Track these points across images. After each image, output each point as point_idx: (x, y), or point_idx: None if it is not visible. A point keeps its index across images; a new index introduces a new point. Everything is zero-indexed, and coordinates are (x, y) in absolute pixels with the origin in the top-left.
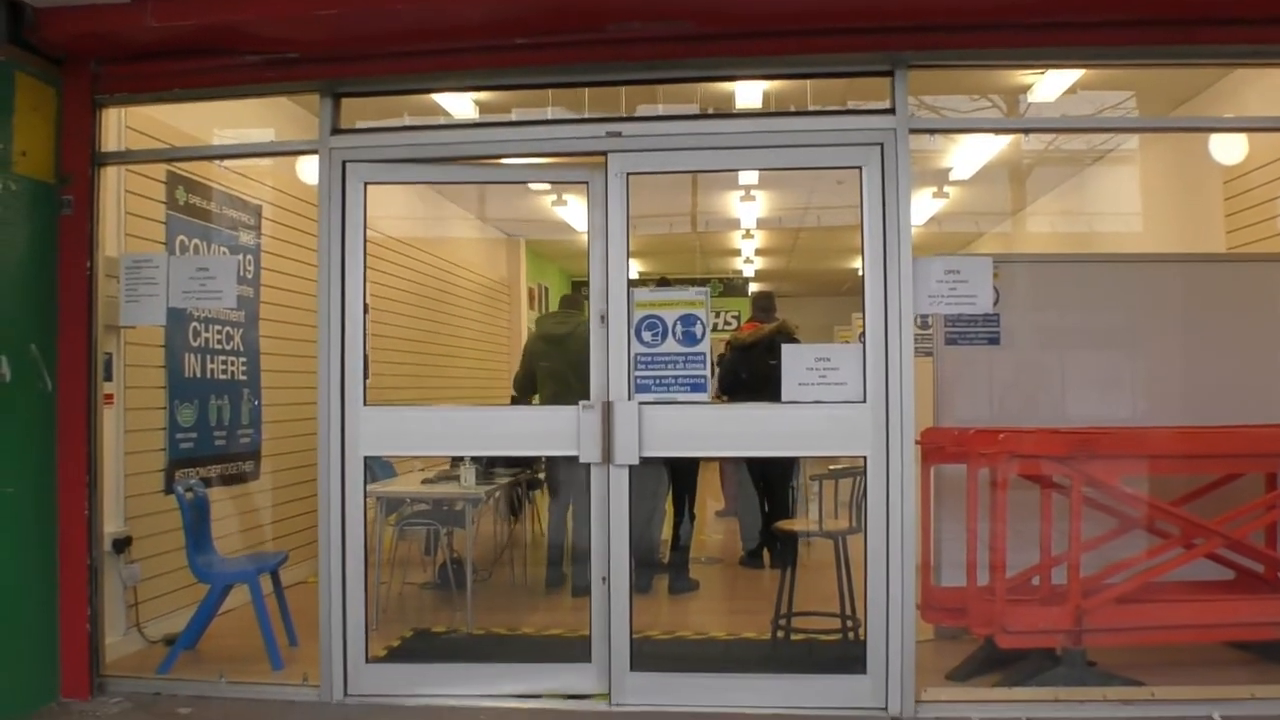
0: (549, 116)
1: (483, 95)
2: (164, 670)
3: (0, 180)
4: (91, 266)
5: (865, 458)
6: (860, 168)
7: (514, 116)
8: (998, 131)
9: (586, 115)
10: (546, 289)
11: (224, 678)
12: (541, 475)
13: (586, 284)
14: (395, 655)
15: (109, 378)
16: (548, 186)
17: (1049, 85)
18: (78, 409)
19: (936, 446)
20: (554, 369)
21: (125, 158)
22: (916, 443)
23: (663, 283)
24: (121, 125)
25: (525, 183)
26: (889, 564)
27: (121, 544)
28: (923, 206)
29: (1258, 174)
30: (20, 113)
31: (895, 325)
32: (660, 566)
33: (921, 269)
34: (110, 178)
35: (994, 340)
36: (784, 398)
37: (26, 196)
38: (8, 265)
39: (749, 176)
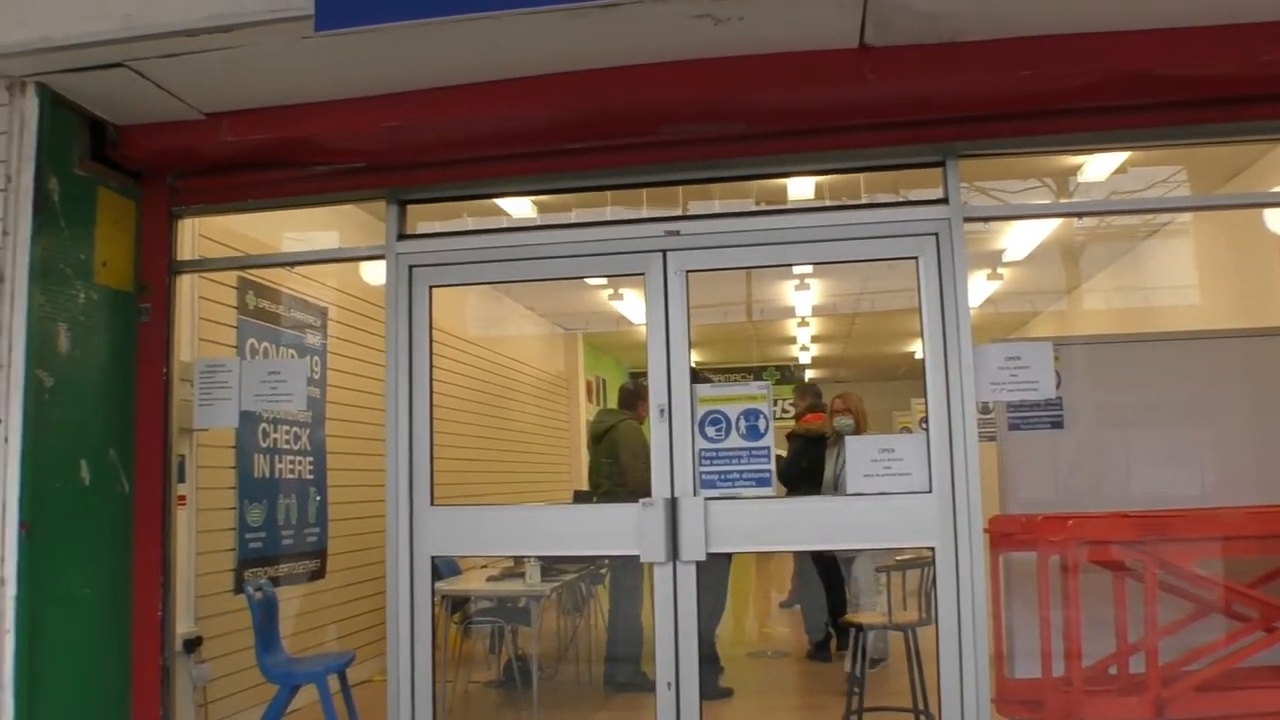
0: (608, 217)
1: (542, 196)
2: None
3: (82, 290)
4: (167, 371)
5: (933, 548)
6: (916, 258)
7: (573, 217)
8: (1050, 216)
9: (644, 215)
10: (604, 381)
11: None
12: (604, 570)
13: (644, 375)
14: None
15: (182, 479)
16: (604, 281)
17: (1099, 165)
18: (153, 511)
19: (1004, 534)
20: (602, 466)
21: (201, 266)
22: (984, 531)
23: (697, 378)
24: (195, 234)
25: (584, 277)
26: (962, 656)
27: (192, 644)
28: (977, 288)
29: None
30: (101, 226)
31: (958, 414)
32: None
33: (982, 356)
34: (185, 285)
35: (1057, 424)
36: (849, 489)
37: (107, 305)
38: (89, 372)
39: (804, 265)
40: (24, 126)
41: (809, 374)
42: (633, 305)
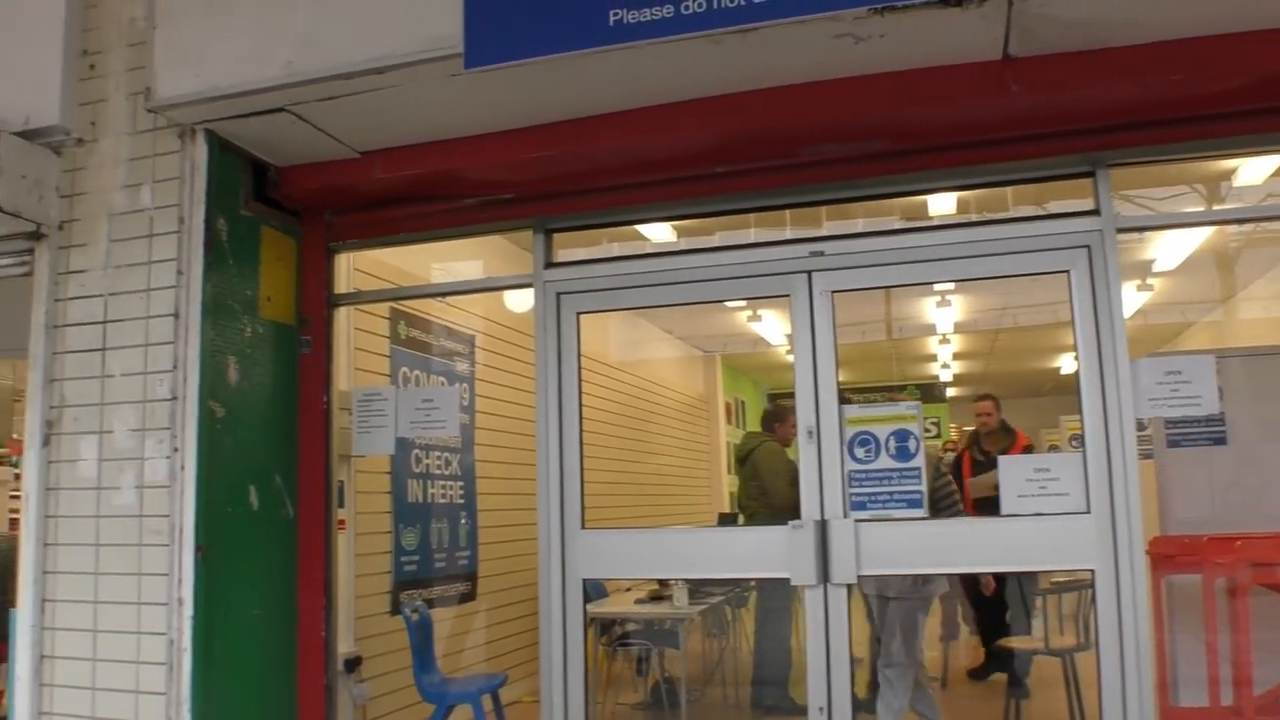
0: (751, 239)
1: (682, 221)
2: None
3: (249, 324)
4: (328, 400)
5: (1093, 571)
6: (1068, 271)
7: (716, 240)
8: (1208, 224)
9: (788, 236)
10: (743, 403)
11: None
12: (748, 593)
13: (784, 397)
14: None
15: (341, 504)
16: (743, 302)
17: (1254, 168)
18: (316, 535)
19: (1167, 556)
20: (748, 488)
21: (357, 298)
22: (1145, 553)
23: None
24: (350, 268)
25: (729, 300)
26: (1125, 683)
27: (352, 664)
28: (1127, 300)
29: None
30: (265, 263)
31: (1116, 431)
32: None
33: (1139, 371)
34: (342, 317)
35: (1219, 440)
36: (1003, 510)
37: (271, 338)
38: (256, 402)
39: (945, 282)
40: (195, 171)
41: (950, 391)
42: (771, 326)
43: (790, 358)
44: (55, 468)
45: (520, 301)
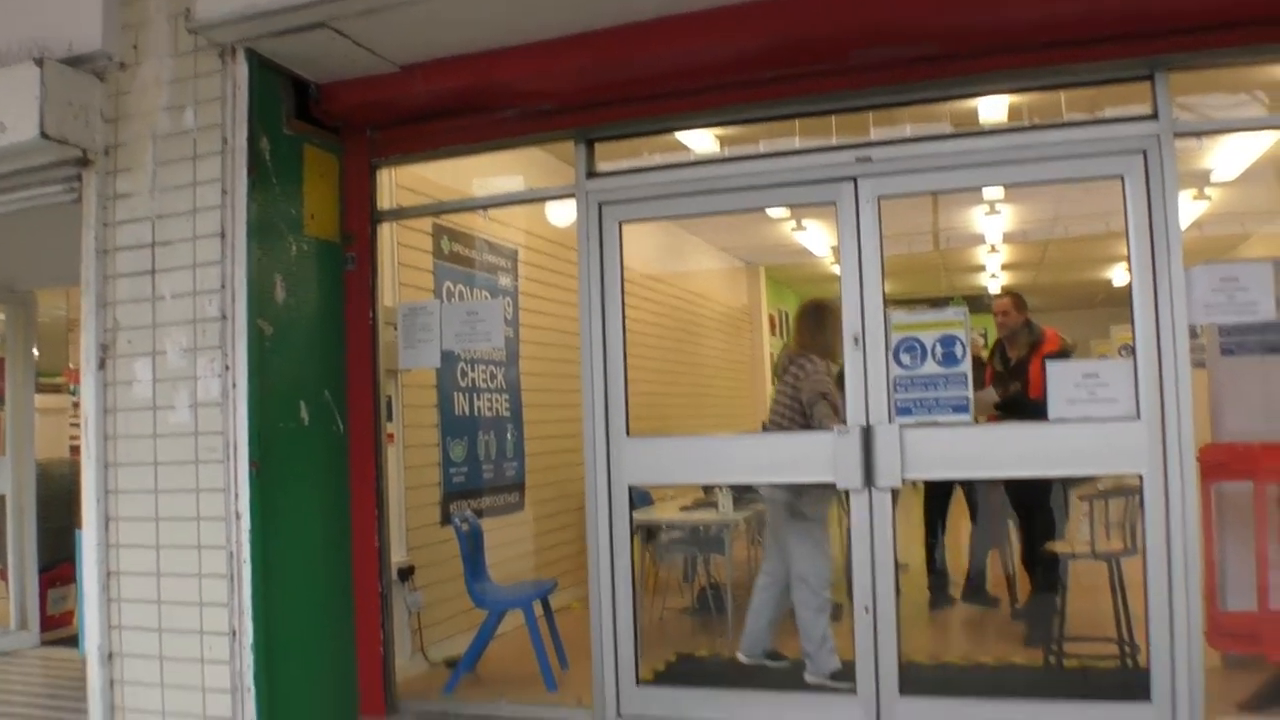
0: (796, 146)
1: (725, 130)
2: (448, 691)
3: (294, 242)
4: (374, 316)
5: (1141, 476)
6: (1122, 176)
7: (761, 148)
8: (1271, 128)
9: (834, 142)
10: (787, 314)
11: (504, 699)
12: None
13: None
14: (662, 679)
15: (390, 418)
16: (786, 213)
17: None
18: (366, 448)
19: (1218, 463)
20: None
21: (400, 214)
22: (1196, 460)
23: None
24: (393, 184)
25: (773, 207)
26: (1171, 587)
27: (405, 573)
28: (1183, 210)
29: None
30: (309, 180)
31: (1168, 338)
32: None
33: (1194, 279)
34: (385, 233)
35: (1275, 349)
36: (1051, 415)
37: (315, 256)
38: (303, 319)
39: (994, 190)
40: (236, 91)
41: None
42: (815, 237)
43: (836, 269)
44: (112, 390)
45: (562, 216)
